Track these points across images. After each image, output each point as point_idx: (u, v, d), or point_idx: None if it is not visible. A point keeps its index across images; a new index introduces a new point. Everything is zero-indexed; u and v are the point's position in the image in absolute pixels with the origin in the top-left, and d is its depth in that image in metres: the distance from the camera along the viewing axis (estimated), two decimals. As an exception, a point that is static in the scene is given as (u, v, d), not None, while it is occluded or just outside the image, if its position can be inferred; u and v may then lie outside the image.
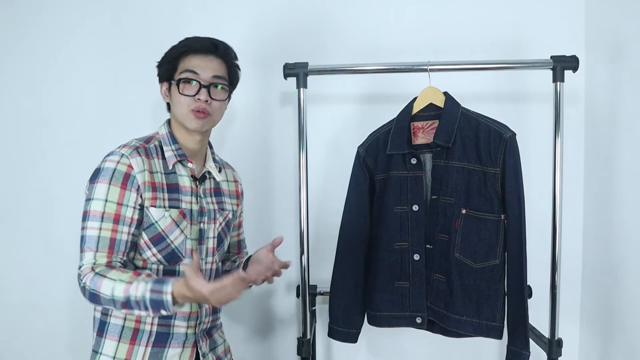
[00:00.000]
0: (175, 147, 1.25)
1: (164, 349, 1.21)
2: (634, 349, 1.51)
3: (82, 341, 1.92)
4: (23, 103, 1.88)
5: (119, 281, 1.08)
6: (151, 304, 1.06)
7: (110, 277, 1.09)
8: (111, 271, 1.11)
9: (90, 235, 1.14)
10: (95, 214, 1.14)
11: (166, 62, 1.25)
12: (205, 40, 1.25)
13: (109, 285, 1.08)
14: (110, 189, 1.15)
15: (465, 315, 1.44)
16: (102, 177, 1.15)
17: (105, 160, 1.17)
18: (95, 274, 1.10)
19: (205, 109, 1.22)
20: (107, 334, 1.20)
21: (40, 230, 1.91)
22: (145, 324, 1.20)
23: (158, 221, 1.19)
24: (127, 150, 1.18)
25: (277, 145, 1.86)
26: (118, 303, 1.08)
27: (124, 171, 1.16)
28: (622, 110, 1.57)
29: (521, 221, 1.39)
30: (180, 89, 1.22)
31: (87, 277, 1.11)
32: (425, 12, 1.80)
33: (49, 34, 1.86)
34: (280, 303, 1.91)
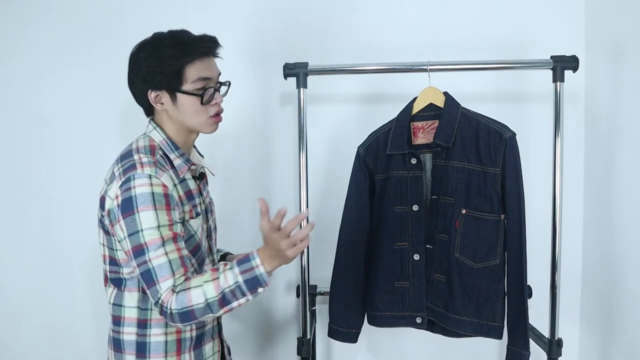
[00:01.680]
0: (179, 153, 1.20)
1: (202, 348, 1.24)
2: (634, 349, 1.51)
3: (82, 341, 1.92)
4: (23, 103, 1.88)
5: (205, 284, 1.06)
6: (247, 286, 1.06)
7: (194, 286, 1.06)
8: (190, 281, 1.07)
9: (159, 264, 1.06)
10: (155, 243, 1.06)
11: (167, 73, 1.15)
12: (206, 42, 1.18)
13: (198, 293, 1.05)
14: (158, 214, 1.07)
15: (465, 315, 1.44)
16: (142, 205, 1.06)
17: (134, 187, 1.07)
18: (177, 294, 1.05)
19: (221, 109, 1.23)
20: (151, 354, 1.17)
21: (40, 230, 1.91)
22: (185, 332, 1.20)
23: (196, 232, 1.19)
24: (150, 170, 1.09)
25: (277, 145, 1.86)
26: (214, 305, 1.06)
27: (162, 192, 1.08)
28: (622, 110, 1.57)
29: (521, 221, 1.39)
30: (203, 100, 1.17)
31: (170, 302, 1.05)
32: (425, 12, 1.80)
33: (49, 34, 1.86)
34: (280, 303, 1.91)
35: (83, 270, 1.90)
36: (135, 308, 1.18)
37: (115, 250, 1.16)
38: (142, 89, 1.18)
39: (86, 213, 1.86)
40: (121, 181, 1.09)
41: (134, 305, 1.18)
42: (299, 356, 1.55)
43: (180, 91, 1.16)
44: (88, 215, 1.86)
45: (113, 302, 1.20)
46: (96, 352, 1.90)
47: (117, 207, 1.09)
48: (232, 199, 1.85)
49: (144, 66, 1.16)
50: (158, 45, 1.16)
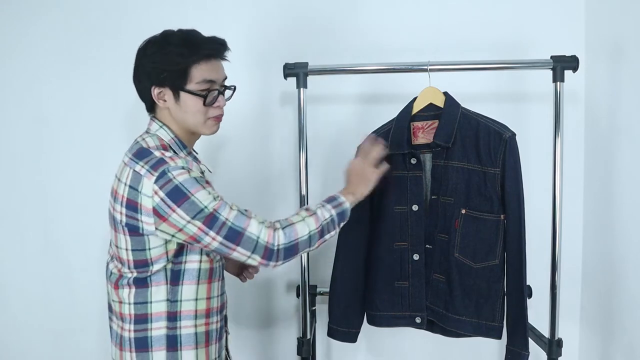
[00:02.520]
0: (186, 151, 1.22)
1: (223, 339, 1.30)
2: (634, 349, 1.51)
3: (82, 341, 1.92)
4: (23, 103, 1.88)
5: (306, 219, 1.18)
6: (338, 219, 1.23)
7: (297, 221, 1.18)
8: (291, 218, 1.19)
9: (234, 216, 1.12)
10: (220, 206, 1.11)
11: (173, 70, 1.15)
12: (214, 44, 1.19)
13: (302, 227, 1.17)
14: (209, 190, 1.12)
15: (464, 315, 1.44)
16: (192, 188, 1.09)
17: (175, 177, 1.08)
18: (282, 229, 1.15)
19: (222, 113, 1.24)
20: (183, 346, 1.18)
21: (40, 230, 1.91)
22: (212, 324, 1.24)
23: None
24: (181, 161, 1.12)
25: (277, 145, 1.86)
26: (315, 237, 1.19)
27: (200, 176, 1.15)
28: (622, 110, 1.57)
29: (521, 221, 1.39)
30: (206, 102, 1.18)
31: (277, 237, 1.14)
32: (425, 12, 1.80)
33: (49, 34, 1.86)
34: (280, 303, 1.91)
35: (83, 270, 1.90)
36: (165, 302, 1.17)
37: (147, 250, 1.13)
38: (147, 85, 1.19)
39: (86, 213, 1.88)
40: (154, 177, 1.09)
41: (162, 298, 1.16)
42: (299, 356, 1.55)
43: (184, 90, 1.16)
44: (88, 215, 1.88)
45: (134, 302, 1.17)
46: (97, 352, 1.90)
47: (161, 200, 1.08)
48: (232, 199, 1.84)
49: (150, 62, 1.16)
50: (166, 42, 1.16)
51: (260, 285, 1.90)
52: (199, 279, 1.19)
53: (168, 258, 1.16)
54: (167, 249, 1.15)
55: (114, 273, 1.21)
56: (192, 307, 1.19)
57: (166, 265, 1.16)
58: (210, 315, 1.22)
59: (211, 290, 1.22)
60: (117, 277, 1.20)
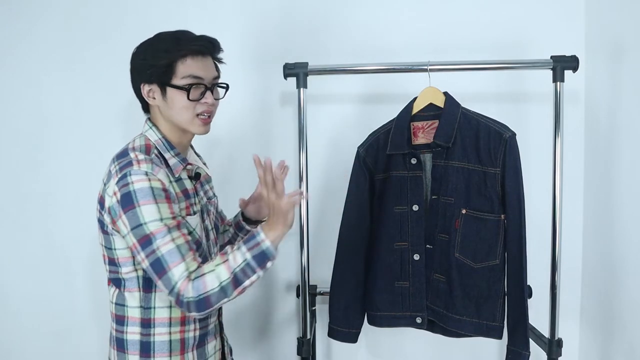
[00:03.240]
0: (174, 152, 1.20)
1: (204, 347, 1.25)
2: (634, 348, 1.51)
3: (82, 341, 1.92)
4: (23, 103, 1.88)
5: (216, 267, 1.06)
6: (256, 262, 1.07)
7: (208, 272, 1.06)
8: (203, 268, 1.07)
9: (167, 250, 1.05)
10: (160, 231, 1.06)
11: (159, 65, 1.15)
12: (202, 41, 1.18)
13: (212, 277, 1.05)
14: (160, 207, 1.07)
15: (465, 315, 1.44)
16: (142, 199, 1.06)
17: (132, 182, 1.07)
18: (192, 281, 1.05)
19: (210, 111, 1.20)
20: (155, 353, 1.17)
21: (40, 230, 1.91)
22: (188, 332, 1.20)
23: (195, 228, 1.19)
24: (147, 166, 1.09)
25: (277, 145, 1.86)
26: (228, 287, 1.05)
27: (160, 187, 1.09)
28: (622, 110, 1.57)
29: (521, 221, 1.39)
30: (190, 95, 1.15)
31: (186, 290, 1.04)
32: (425, 12, 1.80)
33: (49, 34, 1.86)
34: (280, 303, 1.91)
35: (83, 270, 1.90)
36: (138, 308, 1.17)
37: (113, 249, 1.15)
38: (137, 83, 1.20)
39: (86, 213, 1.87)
40: (118, 177, 1.09)
41: (136, 305, 1.17)
42: (299, 356, 1.55)
43: (170, 85, 1.16)
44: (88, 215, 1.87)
45: (115, 302, 1.20)
46: (97, 352, 1.90)
47: (116, 203, 1.09)
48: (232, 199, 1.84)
49: (139, 60, 1.18)
50: (155, 40, 1.18)
51: (260, 285, 1.90)
52: None
53: (134, 263, 1.15)
54: (131, 254, 1.13)
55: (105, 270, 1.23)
56: (166, 314, 1.17)
57: (137, 271, 1.15)
58: (186, 323, 1.20)
59: None
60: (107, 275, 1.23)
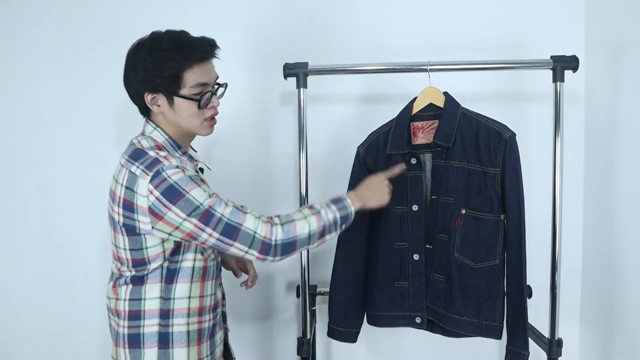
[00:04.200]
0: (181, 152, 1.23)
1: (215, 337, 1.28)
2: (634, 348, 1.51)
3: (82, 341, 1.92)
4: (23, 103, 1.88)
5: (308, 217, 1.18)
6: (341, 221, 1.23)
7: (298, 219, 1.18)
8: (292, 215, 1.19)
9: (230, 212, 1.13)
10: (215, 202, 1.12)
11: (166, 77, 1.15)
12: (205, 46, 1.18)
13: (303, 225, 1.17)
14: (204, 188, 1.13)
15: (464, 315, 1.44)
16: (188, 186, 1.10)
17: (169, 176, 1.10)
18: (281, 225, 1.15)
19: (216, 113, 1.25)
20: (175, 344, 1.19)
21: (40, 230, 1.91)
22: (204, 322, 1.24)
23: None
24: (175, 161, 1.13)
25: (277, 145, 1.86)
26: (315, 236, 1.18)
27: (194, 174, 1.15)
28: (622, 110, 1.57)
29: (521, 221, 1.39)
30: (201, 105, 1.18)
31: (274, 232, 1.14)
32: (425, 12, 1.80)
33: (49, 34, 1.86)
34: (280, 303, 1.91)
35: (83, 271, 1.90)
36: (158, 299, 1.18)
37: (144, 249, 1.15)
38: (139, 90, 1.18)
39: (86, 213, 1.88)
40: (149, 176, 1.10)
41: (156, 296, 1.18)
42: (299, 356, 1.55)
43: (178, 95, 1.17)
44: (88, 215, 1.88)
45: (129, 298, 1.18)
46: (96, 352, 1.90)
47: (157, 200, 1.09)
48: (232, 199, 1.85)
49: (142, 68, 1.15)
50: (156, 47, 1.15)
51: (260, 285, 1.89)
52: (192, 277, 1.20)
53: (165, 256, 1.17)
54: (164, 248, 1.16)
55: (114, 272, 1.23)
56: (185, 305, 1.19)
57: (163, 263, 1.17)
58: (202, 314, 1.23)
59: (204, 289, 1.23)
60: (117, 276, 1.22)
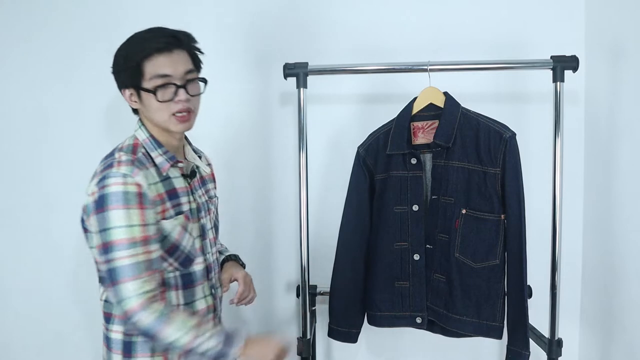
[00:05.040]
0: (162, 150, 1.18)
1: None
2: (634, 348, 1.51)
3: (82, 340, 1.92)
4: (23, 102, 1.88)
5: (187, 329, 1.05)
6: (215, 355, 1.08)
7: (176, 326, 1.05)
8: (177, 317, 1.06)
9: (125, 264, 1.04)
10: (122, 242, 1.05)
11: (127, 69, 1.13)
12: (164, 35, 1.13)
13: (174, 332, 1.04)
14: (130, 213, 1.05)
15: (465, 315, 1.44)
16: (114, 203, 1.05)
17: (108, 185, 1.06)
18: (159, 316, 1.04)
19: (187, 107, 1.15)
20: (138, 353, 1.15)
21: (40, 230, 1.91)
22: None
23: (171, 232, 1.15)
24: (127, 169, 1.08)
25: (277, 145, 1.86)
26: (176, 350, 1.08)
27: (135, 191, 1.07)
28: (622, 110, 1.57)
29: (521, 221, 1.39)
30: (158, 97, 1.12)
31: (143, 315, 1.03)
32: (425, 12, 1.80)
33: (50, 34, 1.85)
34: (280, 303, 1.91)
35: (83, 271, 1.90)
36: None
37: (92, 248, 1.15)
38: (119, 88, 1.19)
39: (86, 213, 1.87)
40: (98, 179, 1.09)
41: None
42: (299, 356, 1.55)
43: (141, 88, 1.13)
44: (88, 215, 1.87)
45: (104, 299, 1.19)
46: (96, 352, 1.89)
47: (92, 203, 1.08)
48: (232, 199, 1.85)
49: (114, 65, 1.17)
50: (126, 42, 1.15)
51: (260, 285, 1.89)
52: None
53: None
54: None
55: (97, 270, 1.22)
56: None
57: None
58: None
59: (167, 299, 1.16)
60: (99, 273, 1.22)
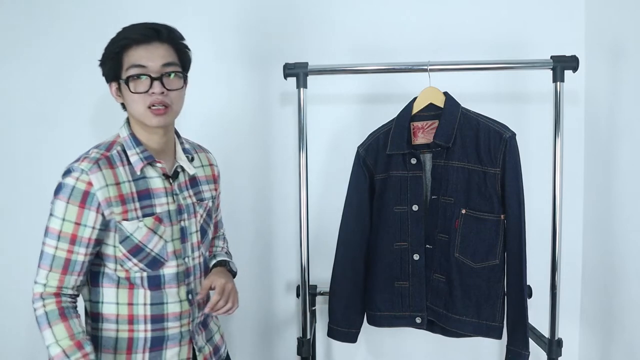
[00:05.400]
0: (139, 149, 1.17)
1: (161, 352, 1.19)
2: (634, 348, 1.51)
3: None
4: (22, 102, 1.88)
5: (59, 341, 1.07)
6: None
7: (54, 331, 1.08)
8: (60, 324, 1.08)
9: (47, 252, 1.11)
10: (54, 232, 1.11)
11: (108, 60, 1.15)
12: (143, 27, 1.15)
13: (49, 337, 1.07)
14: (68, 207, 1.10)
15: (465, 315, 1.44)
16: (62, 194, 1.11)
17: (65, 177, 1.11)
18: (45, 312, 1.08)
19: (162, 101, 1.13)
20: (103, 349, 1.17)
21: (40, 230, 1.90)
22: (138, 332, 1.17)
23: (133, 233, 1.14)
24: (86, 165, 1.11)
25: (277, 146, 1.86)
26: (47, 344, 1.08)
27: (82, 189, 1.09)
28: (622, 110, 1.57)
29: (521, 221, 1.39)
30: (131, 88, 1.13)
31: (38, 303, 1.09)
32: (425, 12, 1.80)
33: (50, 34, 1.85)
34: (280, 303, 1.91)
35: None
36: (87, 301, 1.19)
37: None
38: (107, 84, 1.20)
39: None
40: (65, 169, 1.14)
41: (86, 298, 1.20)
42: (299, 356, 1.55)
43: (120, 79, 1.15)
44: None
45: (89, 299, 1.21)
46: (96, 352, 1.90)
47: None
48: (232, 199, 1.85)
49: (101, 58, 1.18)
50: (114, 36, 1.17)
51: (260, 285, 1.90)
52: (118, 283, 1.16)
53: None
54: None
55: None
56: (113, 310, 1.16)
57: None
58: (134, 322, 1.16)
59: (134, 297, 1.16)
60: None
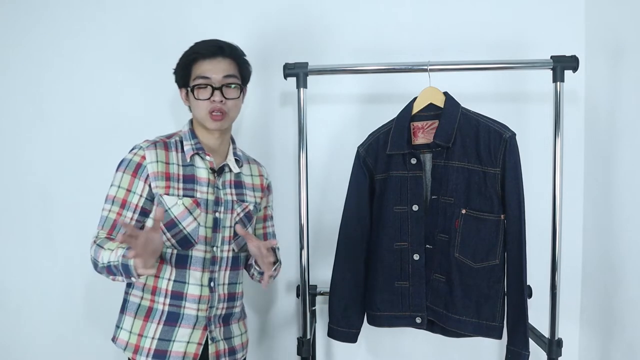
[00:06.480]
0: (194, 142, 1.37)
1: (174, 328, 1.31)
2: (634, 348, 1.52)
3: (81, 340, 1.92)
4: (23, 102, 1.88)
5: (108, 249, 1.22)
6: (122, 269, 1.19)
7: (105, 247, 1.24)
8: (108, 242, 1.25)
9: (102, 215, 1.30)
10: (110, 198, 1.30)
11: (180, 70, 1.37)
12: (211, 44, 1.34)
13: (103, 254, 1.22)
14: (123, 177, 1.30)
15: (465, 315, 1.44)
16: (121, 167, 1.31)
17: (128, 153, 1.33)
18: (96, 245, 1.25)
19: (221, 108, 1.32)
20: (127, 311, 1.34)
21: (40, 230, 1.91)
22: (157, 303, 1.31)
23: (171, 208, 1.30)
24: (145, 144, 1.33)
25: (277, 145, 1.86)
26: (104, 269, 1.23)
27: (136, 161, 1.30)
28: (622, 110, 1.57)
29: (521, 221, 1.39)
30: (196, 95, 1.33)
31: (92, 248, 1.26)
32: (425, 12, 1.80)
33: (50, 34, 1.86)
34: (280, 303, 1.91)
35: (83, 271, 1.90)
36: None
37: None
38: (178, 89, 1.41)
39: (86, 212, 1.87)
40: None
41: None
42: (299, 356, 1.55)
43: (189, 87, 1.35)
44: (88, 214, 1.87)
45: None
46: (96, 352, 1.90)
47: None
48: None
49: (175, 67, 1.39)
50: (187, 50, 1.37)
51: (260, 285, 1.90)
52: None
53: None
54: None
55: None
56: (142, 279, 1.32)
57: None
58: (156, 294, 1.32)
59: (161, 271, 1.32)
60: None
